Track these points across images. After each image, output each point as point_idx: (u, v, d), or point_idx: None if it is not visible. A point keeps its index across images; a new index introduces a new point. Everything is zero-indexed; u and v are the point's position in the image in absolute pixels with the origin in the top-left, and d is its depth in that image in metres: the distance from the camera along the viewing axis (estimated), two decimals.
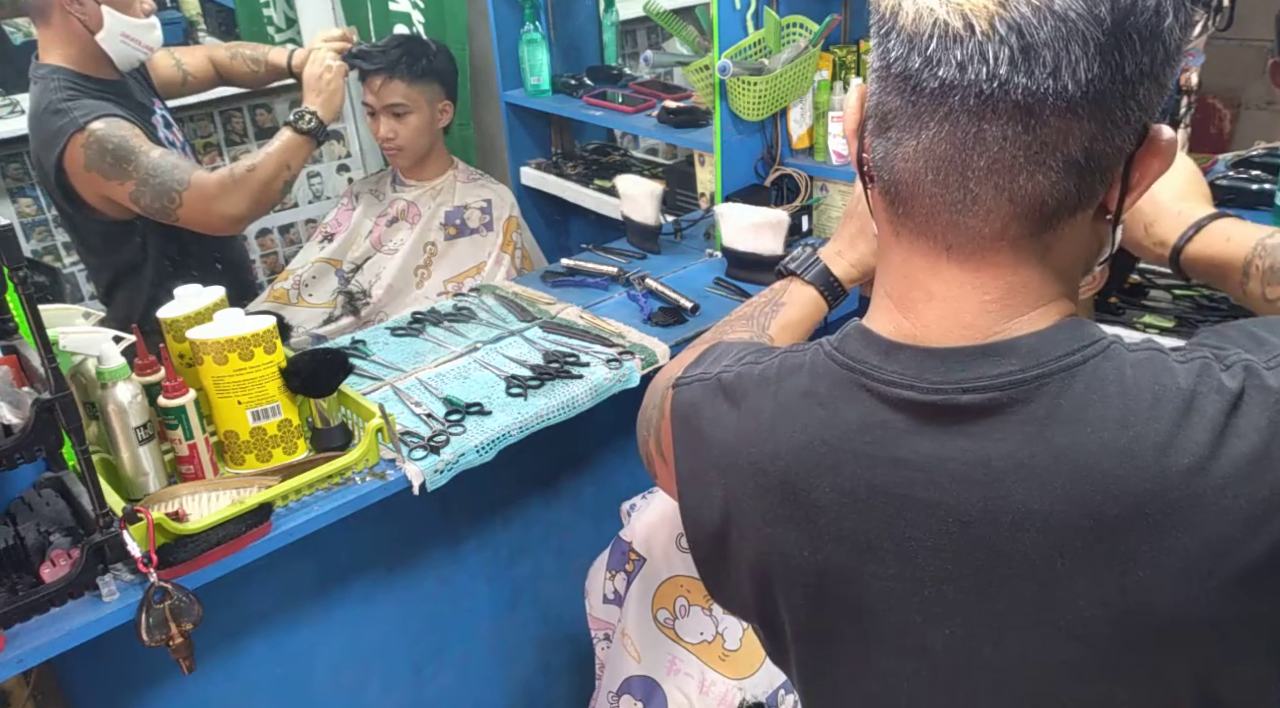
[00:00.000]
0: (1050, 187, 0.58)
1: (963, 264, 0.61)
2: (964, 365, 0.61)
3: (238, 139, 2.94)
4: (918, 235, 0.63)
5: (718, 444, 0.73)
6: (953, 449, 0.61)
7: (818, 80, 2.02)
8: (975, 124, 0.56)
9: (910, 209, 0.62)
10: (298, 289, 2.30)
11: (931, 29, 0.55)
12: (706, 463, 0.74)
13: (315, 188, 3.13)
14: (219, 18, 3.61)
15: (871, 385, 0.64)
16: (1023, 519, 0.59)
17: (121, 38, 1.84)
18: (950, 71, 0.55)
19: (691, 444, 0.76)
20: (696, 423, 0.75)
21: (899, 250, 0.65)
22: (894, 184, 0.62)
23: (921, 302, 0.64)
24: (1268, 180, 1.56)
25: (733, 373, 0.74)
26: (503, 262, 2.23)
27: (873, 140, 0.63)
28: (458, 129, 2.65)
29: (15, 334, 1.24)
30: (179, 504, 1.29)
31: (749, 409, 0.71)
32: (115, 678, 1.40)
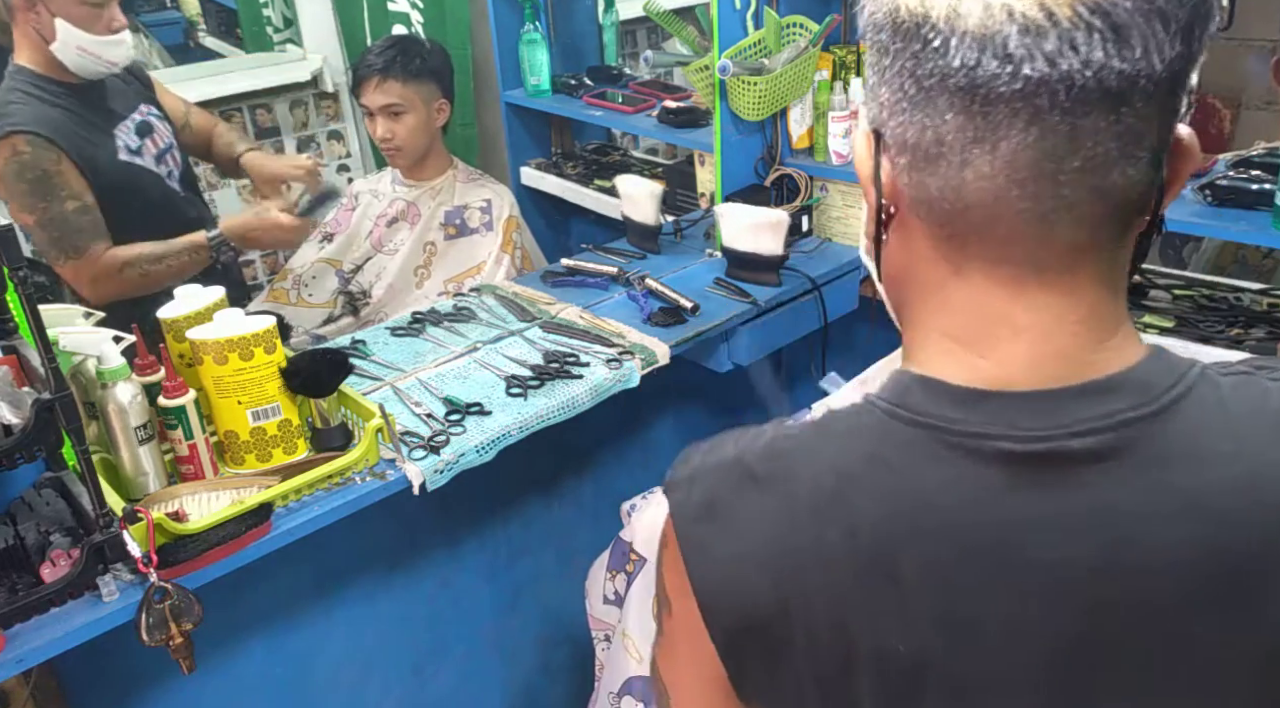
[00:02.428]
0: (1137, 180, 0.54)
1: (1051, 285, 0.56)
2: (1067, 407, 0.55)
3: None
4: (997, 261, 0.56)
5: (756, 538, 0.61)
6: (1065, 502, 0.55)
7: (818, 80, 2.02)
8: (1068, 121, 0.52)
9: (986, 234, 0.56)
10: (298, 289, 2.30)
11: (1008, 26, 0.51)
12: (741, 560, 0.62)
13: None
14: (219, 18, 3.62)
15: (954, 441, 0.57)
16: (1149, 572, 0.55)
17: (77, 50, 1.83)
18: (1038, 67, 0.50)
19: (708, 546, 0.63)
20: (716, 521, 0.63)
21: (964, 286, 0.58)
22: (960, 213, 0.56)
23: (1006, 338, 0.57)
24: (1268, 180, 1.56)
25: (756, 452, 0.63)
26: (503, 262, 2.23)
27: (914, 176, 0.57)
28: (460, 129, 2.65)
29: (15, 334, 1.24)
30: (179, 504, 1.29)
31: (793, 491, 0.61)
32: (115, 678, 1.40)
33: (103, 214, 1.87)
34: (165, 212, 2.01)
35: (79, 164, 1.84)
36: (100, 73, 1.90)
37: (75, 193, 1.84)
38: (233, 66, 3.07)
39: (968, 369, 0.58)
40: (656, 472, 1.77)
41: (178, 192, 2.08)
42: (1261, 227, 1.53)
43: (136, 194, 1.96)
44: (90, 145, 1.88)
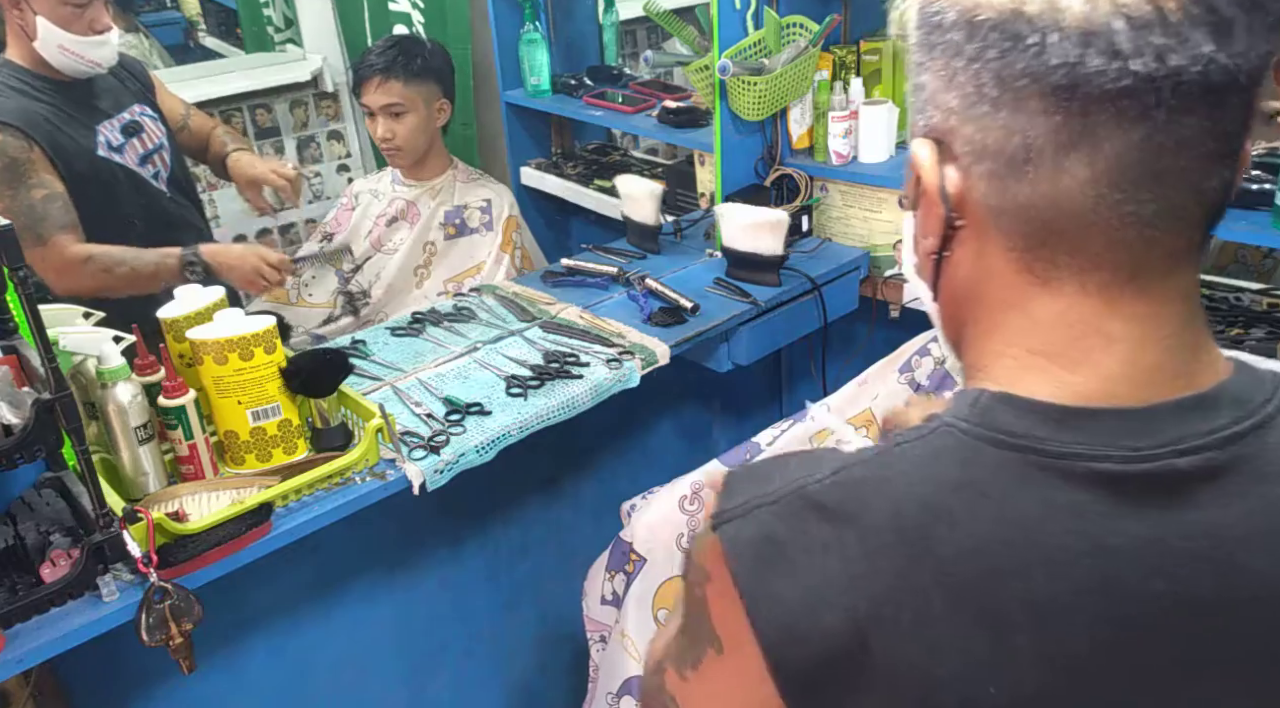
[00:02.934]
0: (1228, 182, 0.53)
1: (1146, 293, 0.54)
2: (1169, 424, 0.52)
3: None
4: (1090, 270, 0.54)
5: (830, 576, 0.55)
6: (1175, 525, 0.52)
7: (818, 80, 2.02)
8: (1175, 120, 0.49)
9: (1081, 242, 0.53)
10: (298, 289, 2.31)
11: (1115, 20, 0.48)
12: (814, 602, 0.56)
13: (315, 188, 3.13)
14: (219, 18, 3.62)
15: (1049, 463, 0.53)
16: (1264, 596, 0.53)
17: (58, 49, 1.85)
18: (1148, 63, 0.48)
19: (773, 588, 0.56)
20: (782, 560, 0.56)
21: (1052, 297, 0.55)
22: (1052, 221, 0.53)
23: (1098, 351, 0.54)
24: (1268, 180, 1.55)
25: (820, 482, 0.57)
26: (502, 261, 2.23)
27: (996, 184, 0.54)
28: (460, 129, 2.65)
29: (15, 334, 1.24)
30: (179, 504, 1.29)
31: (872, 524, 0.55)
32: (115, 678, 1.40)
33: (84, 205, 1.88)
34: (144, 210, 2.01)
35: (51, 156, 1.85)
36: (84, 72, 1.91)
37: (44, 182, 1.84)
38: (233, 66, 3.07)
39: (1057, 385, 0.55)
40: (657, 472, 1.77)
41: (163, 192, 2.07)
42: (1261, 227, 1.53)
43: (110, 190, 1.96)
44: (67, 139, 1.89)
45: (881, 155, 2.02)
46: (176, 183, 2.12)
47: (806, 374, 2.21)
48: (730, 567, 0.58)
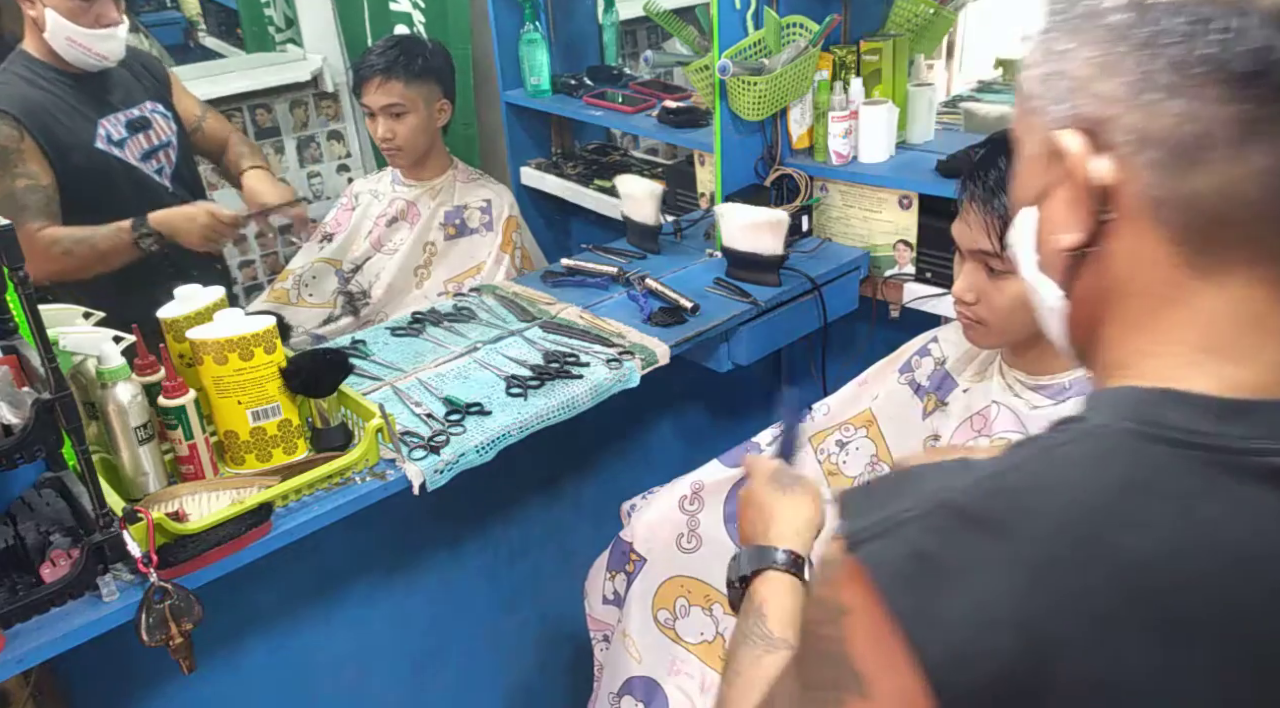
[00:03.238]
0: None
1: None
2: None
3: None
4: (1263, 263, 0.52)
5: (996, 592, 0.51)
6: None
7: (818, 80, 2.02)
8: None
9: (1256, 234, 0.52)
10: (298, 289, 2.30)
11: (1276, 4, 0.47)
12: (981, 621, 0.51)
13: (315, 188, 3.13)
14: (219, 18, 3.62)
15: (1229, 461, 0.50)
16: None
17: (66, 41, 1.89)
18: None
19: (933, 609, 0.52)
20: (937, 578, 0.52)
21: (1215, 290, 0.54)
22: (1226, 213, 0.52)
23: (1267, 344, 0.53)
24: None
25: (971, 493, 0.54)
26: (502, 261, 2.23)
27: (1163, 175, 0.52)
28: (461, 129, 2.65)
29: (15, 334, 1.25)
30: (179, 504, 1.29)
31: (1035, 533, 0.52)
32: (115, 678, 1.40)
33: (69, 197, 1.91)
34: (140, 205, 2.01)
35: (44, 147, 1.89)
36: (93, 64, 1.96)
37: (29, 172, 1.89)
38: (233, 66, 3.07)
39: (1223, 380, 0.53)
40: (657, 472, 1.77)
41: (164, 187, 2.11)
42: None
43: (105, 182, 1.99)
44: (64, 131, 1.93)
45: (881, 155, 2.02)
46: (181, 179, 2.16)
47: (806, 374, 2.21)
48: (877, 591, 0.53)
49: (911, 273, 2.00)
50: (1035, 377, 1.28)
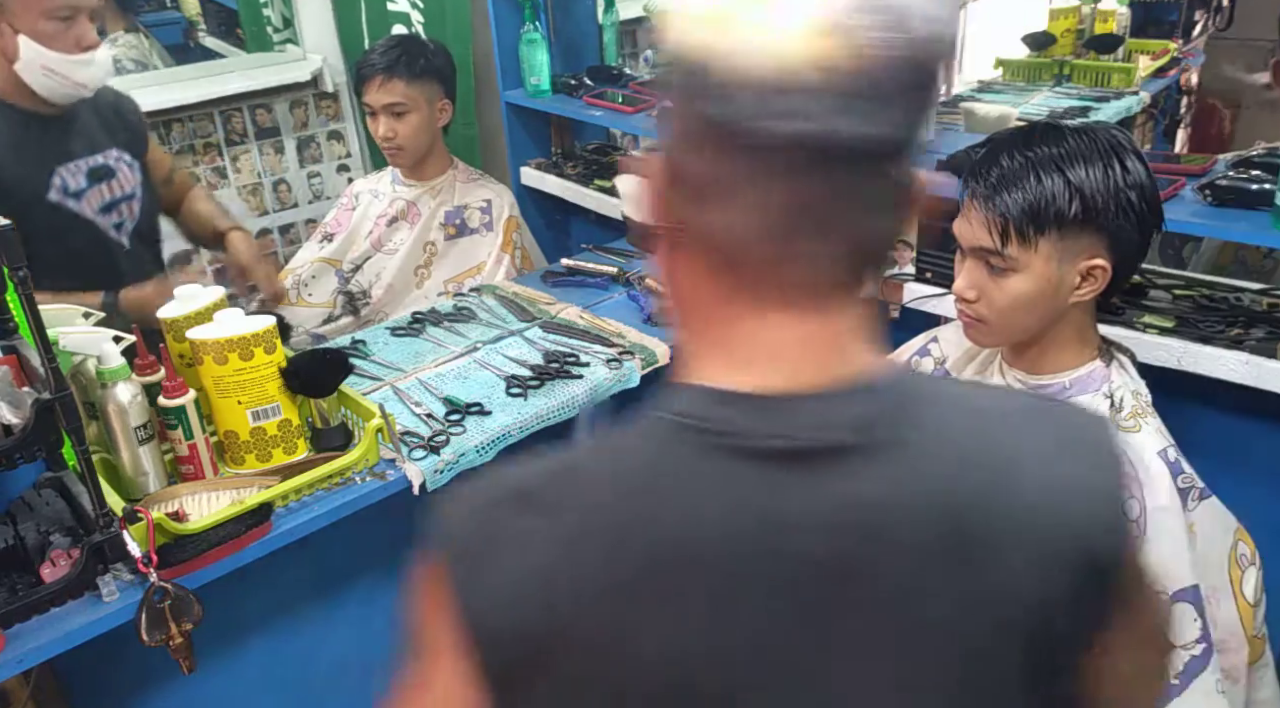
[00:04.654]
0: (881, 231, 0.60)
1: (805, 313, 0.61)
2: (830, 407, 0.60)
3: (238, 139, 2.94)
4: (752, 292, 0.60)
5: (533, 561, 0.60)
6: (829, 497, 0.59)
7: None
8: (813, 175, 0.56)
9: (742, 268, 0.60)
10: (297, 289, 2.30)
11: (783, 83, 0.54)
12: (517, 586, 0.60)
13: (315, 188, 3.13)
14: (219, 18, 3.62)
15: (728, 443, 0.59)
16: (899, 558, 0.59)
17: (43, 71, 1.66)
18: (783, 124, 0.54)
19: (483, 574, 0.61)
20: (492, 548, 0.61)
21: (731, 308, 0.62)
22: (728, 249, 0.59)
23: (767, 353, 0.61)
24: (1268, 180, 1.55)
25: (534, 474, 0.63)
26: (503, 262, 2.23)
27: (691, 208, 0.60)
28: (461, 129, 2.65)
29: (15, 334, 1.24)
30: (179, 504, 1.29)
31: (572, 509, 0.61)
32: (115, 678, 1.40)
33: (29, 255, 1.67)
34: (94, 261, 1.83)
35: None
36: (69, 96, 1.73)
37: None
38: (233, 66, 3.06)
39: (729, 377, 0.61)
40: None
41: (122, 244, 1.88)
42: (1261, 227, 1.53)
43: (56, 237, 1.77)
44: (13, 179, 1.70)
45: None
46: (141, 235, 1.93)
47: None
48: (448, 561, 0.62)
49: (911, 273, 2.00)
50: (1035, 376, 1.28)
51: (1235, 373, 1.53)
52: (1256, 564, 1.28)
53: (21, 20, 1.63)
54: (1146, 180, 1.18)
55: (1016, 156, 1.17)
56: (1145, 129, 2.86)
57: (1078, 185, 1.14)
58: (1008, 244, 1.17)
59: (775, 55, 0.53)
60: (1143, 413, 1.21)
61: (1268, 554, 1.30)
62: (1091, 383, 1.24)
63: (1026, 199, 1.15)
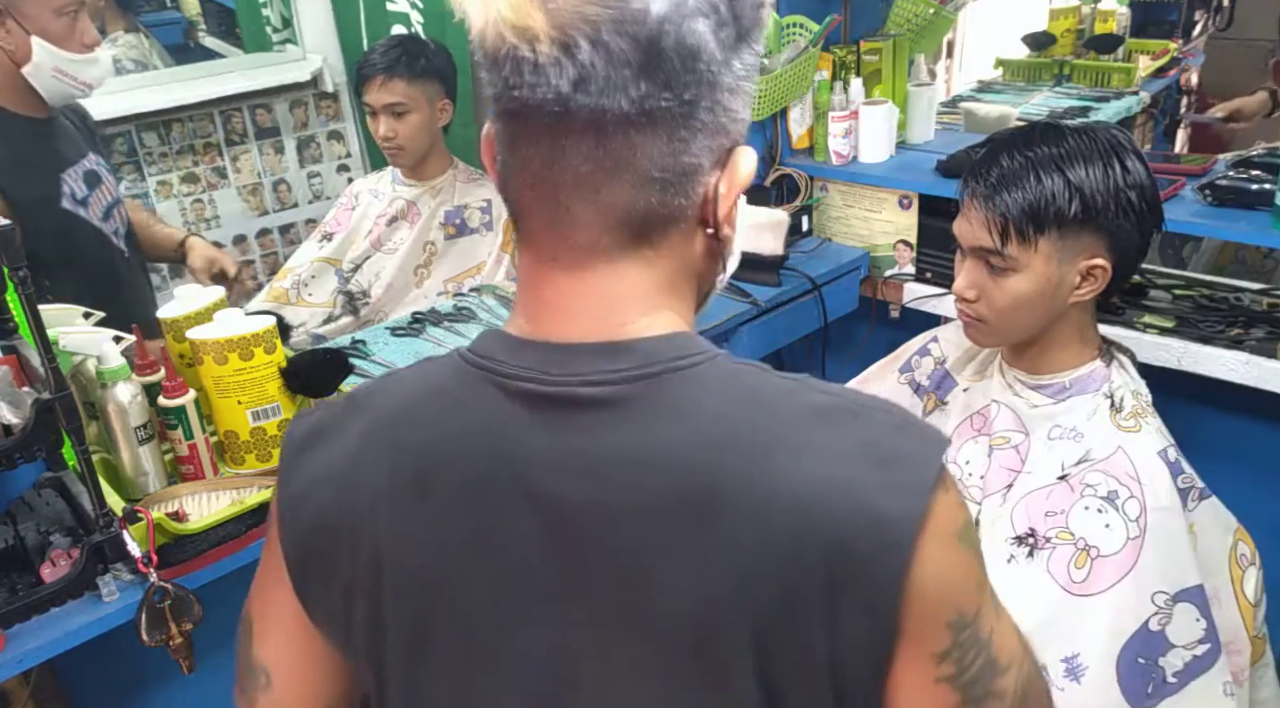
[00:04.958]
0: (632, 200, 0.61)
1: (571, 271, 0.64)
2: (584, 361, 0.63)
3: (238, 139, 2.93)
4: (534, 249, 0.66)
5: (336, 457, 0.69)
6: (566, 442, 0.63)
7: (818, 80, 2.02)
8: (555, 142, 0.60)
9: (524, 227, 0.65)
10: (297, 289, 2.30)
11: (502, 54, 0.58)
12: (318, 479, 0.70)
13: (315, 188, 3.13)
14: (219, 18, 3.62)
15: (498, 380, 0.65)
16: (627, 513, 0.61)
17: (53, 73, 1.63)
18: (524, 93, 0.58)
19: (300, 467, 0.71)
20: (313, 445, 0.71)
21: (524, 262, 0.68)
22: (513, 207, 0.66)
23: (545, 305, 0.66)
24: (1268, 180, 1.56)
25: (367, 386, 0.73)
26: (502, 261, 2.23)
27: (500, 170, 0.65)
28: (459, 129, 2.65)
29: (15, 334, 1.25)
30: (179, 504, 1.29)
31: (373, 415, 0.70)
32: (115, 678, 1.40)
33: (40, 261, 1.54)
34: (106, 274, 1.82)
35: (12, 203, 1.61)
36: (72, 96, 1.72)
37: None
38: (233, 66, 3.06)
39: (521, 326, 0.67)
40: None
41: (122, 251, 1.86)
42: (1261, 227, 1.53)
43: (77, 248, 1.75)
44: (30, 186, 1.67)
45: (881, 155, 2.02)
46: (131, 242, 1.91)
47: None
48: (280, 455, 0.73)
49: (911, 273, 2.00)
50: (1035, 376, 1.28)
51: (1235, 373, 1.53)
52: (1256, 564, 1.28)
53: (33, 20, 1.59)
54: (1146, 180, 1.18)
55: (1016, 156, 1.17)
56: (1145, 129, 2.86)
57: (1078, 185, 1.14)
58: (1007, 244, 1.17)
59: (514, 29, 0.57)
60: (1143, 413, 1.21)
61: (1268, 554, 1.30)
62: (1091, 383, 1.24)
63: (1026, 199, 1.15)
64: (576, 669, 0.65)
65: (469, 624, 0.66)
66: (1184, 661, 1.13)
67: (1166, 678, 1.12)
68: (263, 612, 0.77)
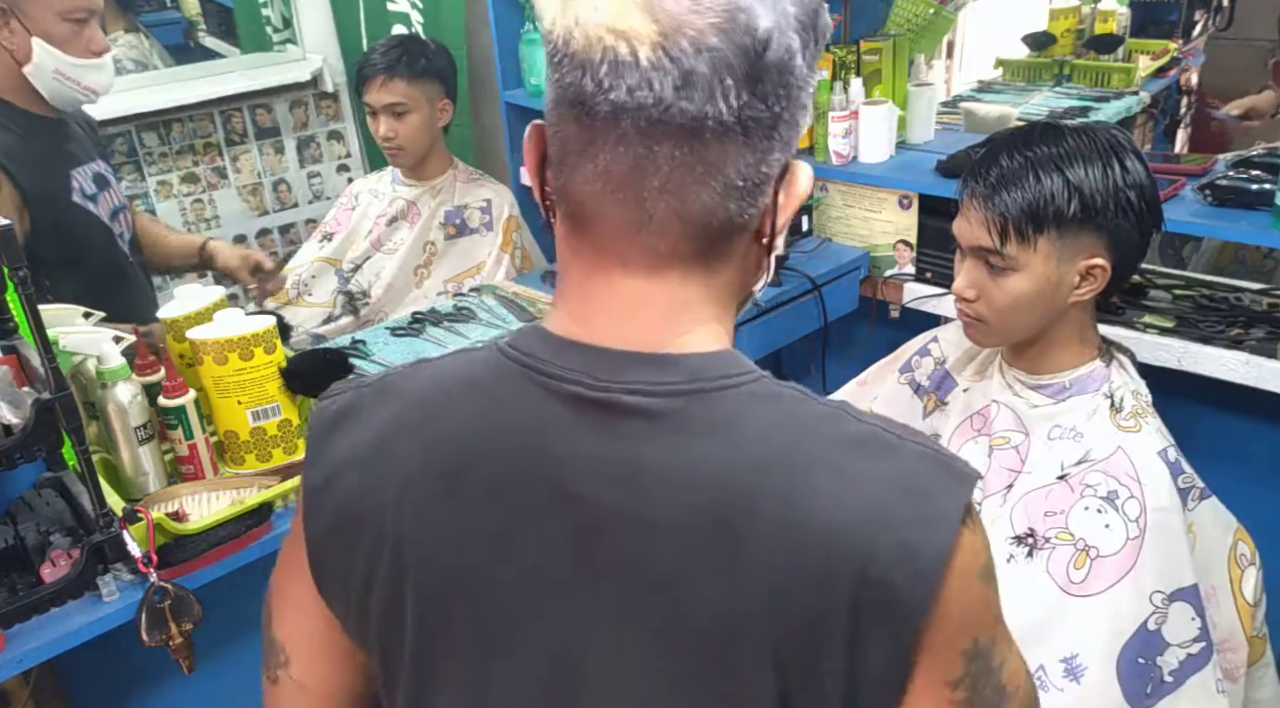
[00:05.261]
0: (716, 206, 0.62)
1: (634, 277, 0.65)
2: (632, 368, 0.64)
3: (238, 139, 2.94)
4: (598, 251, 0.65)
5: (365, 441, 0.70)
6: (607, 448, 0.63)
7: (818, 80, 2.02)
8: (646, 146, 0.60)
9: (590, 230, 0.64)
10: (297, 289, 2.30)
11: (598, 57, 0.58)
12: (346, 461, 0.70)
13: (315, 188, 3.13)
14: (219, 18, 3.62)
15: (540, 379, 0.65)
16: (657, 524, 0.62)
17: (54, 75, 1.64)
18: (620, 95, 0.59)
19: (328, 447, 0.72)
20: (343, 426, 0.71)
21: (578, 265, 0.67)
22: (574, 210, 0.65)
23: (598, 309, 0.66)
24: (1268, 180, 1.56)
25: (399, 372, 0.73)
26: (502, 261, 2.23)
27: (552, 171, 0.65)
28: (456, 129, 2.65)
29: (15, 334, 1.25)
30: (179, 504, 1.29)
31: (404, 401, 0.70)
32: (115, 678, 1.40)
33: (48, 255, 1.66)
34: (113, 273, 1.82)
35: (24, 197, 1.62)
36: (77, 101, 1.72)
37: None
38: (233, 66, 3.06)
39: (568, 327, 0.67)
40: None
41: (126, 255, 1.86)
42: (1261, 227, 1.53)
43: (85, 243, 1.76)
44: (42, 180, 1.68)
45: (882, 155, 2.02)
46: (135, 249, 1.92)
47: (806, 374, 2.21)
48: (308, 434, 0.73)
49: (911, 273, 2.00)
50: (1035, 376, 1.28)
51: (1235, 373, 1.53)
52: (1256, 564, 1.28)
53: (36, 22, 1.60)
54: (1146, 180, 1.18)
55: (1016, 156, 1.17)
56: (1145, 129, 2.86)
57: (1077, 185, 1.14)
58: (1007, 243, 1.17)
59: (612, 31, 0.57)
60: (1143, 413, 1.21)
61: (1267, 554, 1.30)
62: (1091, 383, 1.24)
63: (1026, 198, 1.15)
64: (586, 672, 0.65)
65: (487, 619, 0.67)
66: (1179, 659, 1.13)
67: (1164, 678, 1.12)
68: (283, 591, 0.79)
